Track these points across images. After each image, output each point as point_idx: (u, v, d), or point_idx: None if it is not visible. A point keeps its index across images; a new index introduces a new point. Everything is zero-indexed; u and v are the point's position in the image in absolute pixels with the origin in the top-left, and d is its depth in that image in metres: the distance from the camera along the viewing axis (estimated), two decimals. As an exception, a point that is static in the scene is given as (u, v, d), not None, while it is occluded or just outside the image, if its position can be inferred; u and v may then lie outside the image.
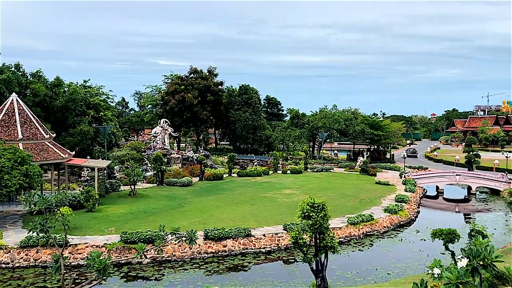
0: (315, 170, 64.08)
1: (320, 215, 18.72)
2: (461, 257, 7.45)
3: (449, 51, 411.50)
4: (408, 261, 26.41)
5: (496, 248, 25.41)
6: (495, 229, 34.57)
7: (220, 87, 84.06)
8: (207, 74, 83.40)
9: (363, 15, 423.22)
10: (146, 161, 55.92)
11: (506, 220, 38.39)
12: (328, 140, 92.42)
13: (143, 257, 11.24)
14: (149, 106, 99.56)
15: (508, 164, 62.49)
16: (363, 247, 30.02)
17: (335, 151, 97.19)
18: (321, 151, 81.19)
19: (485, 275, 18.74)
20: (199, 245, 27.11)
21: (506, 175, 53.59)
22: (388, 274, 24.15)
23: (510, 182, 50.04)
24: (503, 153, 72.48)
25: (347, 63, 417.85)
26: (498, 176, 53.80)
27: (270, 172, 60.63)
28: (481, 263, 7.35)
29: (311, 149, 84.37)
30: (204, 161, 54.92)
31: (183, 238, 11.61)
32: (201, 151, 67.18)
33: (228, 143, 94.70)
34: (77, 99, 56.41)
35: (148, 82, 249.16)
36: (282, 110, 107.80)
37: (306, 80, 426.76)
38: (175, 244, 25.94)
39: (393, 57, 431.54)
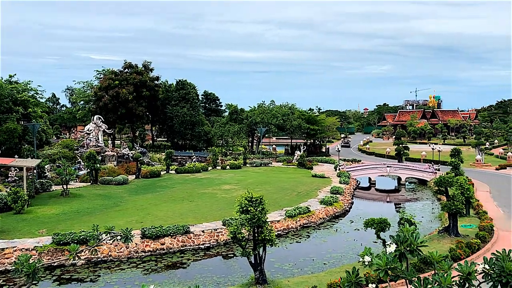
0: (254, 165, 64.61)
1: (258, 209, 18.95)
2: (390, 243, 7.82)
3: (380, 48, 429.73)
4: (343, 251, 27.35)
5: (423, 235, 26.80)
6: (422, 217, 36.58)
7: (156, 82, 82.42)
8: (143, 69, 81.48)
9: (299, 12, 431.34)
10: (79, 160, 53.81)
11: (433, 209, 40.72)
12: (266, 135, 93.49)
13: (76, 258, 10.84)
14: (82, 102, 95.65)
15: (434, 155, 66.28)
16: (300, 239, 30.72)
17: (274, 146, 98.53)
18: (259, 146, 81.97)
19: (412, 260, 19.82)
20: (136, 244, 26.51)
21: (432, 165, 56.87)
22: (324, 264, 24.89)
23: (436, 172, 53.08)
24: (429, 145, 76.84)
25: (284, 59, 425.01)
26: (425, 167, 56.97)
27: (209, 168, 60.39)
28: (408, 248, 7.77)
29: (250, 144, 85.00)
30: (141, 158, 53.72)
31: (118, 237, 11.31)
32: (137, 148, 65.66)
33: (166, 139, 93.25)
34: (2, 95, 53.12)
35: (81, 77, 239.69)
36: (221, 106, 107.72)
37: (244, 76, 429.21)
38: (111, 244, 25.20)
39: (328, 53, 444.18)
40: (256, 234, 19.41)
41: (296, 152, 72.31)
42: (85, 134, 60.83)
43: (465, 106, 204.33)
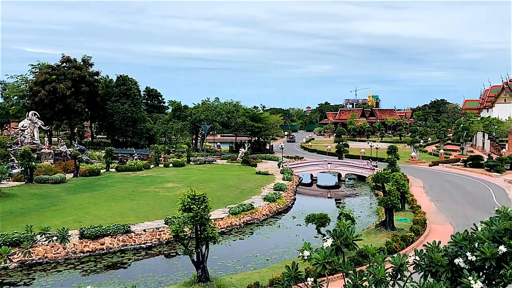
0: (198, 162, 64.16)
1: (201, 207, 18.86)
2: (327, 238, 8.05)
3: (322, 48, 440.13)
4: (285, 246, 27.81)
5: (361, 229, 27.80)
6: (361, 212, 37.89)
7: (96, 77, 79.77)
8: (82, 63, 78.56)
9: (243, 9, 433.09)
10: (13, 157, 51.08)
11: (371, 204, 42.27)
12: (211, 132, 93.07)
13: (8, 261, 10.32)
14: (15, 97, 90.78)
15: (372, 152, 68.77)
16: (243, 235, 30.91)
17: (218, 143, 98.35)
18: (204, 143, 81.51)
19: (351, 253, 20.42)
20: (74, 244, 25.59)
21: (371, 162, 59.05)
22: (267, 260, 25.20)
23: (374, 169, 55.09)
24: (368, 143, 79.63)
25: (229, 56, 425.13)
26: (364, 163, 59.04)
27: (152, 166, 59.31)
28: (344, 242, 8.04)
29: (194, 141, 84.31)
30: (79, 156, 51.78)
31: (54, 238, 10.87)
32: (75, 145, 63.26)
33: (106, 136, 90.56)
34: None
35: (14, 71, 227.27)
36: (164, 102, 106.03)
37: (188, 72, 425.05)
38: (47, 245, 24.17)
39: (271, 52, 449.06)
40: (199, 232, 19.32)
41: (240, 149, 72.57)
42: (19, 131, 57.81)
43: (401, 105, 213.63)
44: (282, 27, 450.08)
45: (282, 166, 57.54)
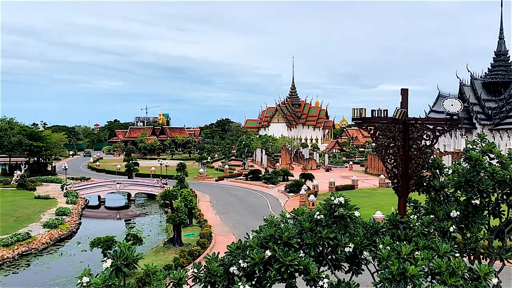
0: (-41, 188, 54.68)
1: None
2: (106, 259, 7.72)
3: (111, 64, 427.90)
4: (68, 275, 25.66)
5: (150, 248, 27.71)
6: (150, 230, 37.66)
7: None
8: None
9: (18, 16, 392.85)
10: None
11: (160, 221, 42.39)
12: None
13: None
14: None
15: (162, 170, 69.39)
16: (18, 269, 27.48)
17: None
18: (-33, 166, 70.03)
19: (139, 274, 20.04)
20: None
21: (161, 180, 59.45)
22: (46, 292, 22.89)
23: (163, 187, 55.51)
24: (159, 161, 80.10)
25: (1, 67, 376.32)
26: (154, 181, 59.10)
27: None
28: (125, 262, 7.82)
29: (-47, 164, 71.63)
30: None
31: None
32: None
33: None
34: None
35: None
36: None
37: None
38: None
39: (53, 64, 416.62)
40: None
41: (16, 172, 64.77)
42: None
43: (191, 124, 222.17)
44: (64, 39, 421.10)
45: (66, 189, 53.37)
